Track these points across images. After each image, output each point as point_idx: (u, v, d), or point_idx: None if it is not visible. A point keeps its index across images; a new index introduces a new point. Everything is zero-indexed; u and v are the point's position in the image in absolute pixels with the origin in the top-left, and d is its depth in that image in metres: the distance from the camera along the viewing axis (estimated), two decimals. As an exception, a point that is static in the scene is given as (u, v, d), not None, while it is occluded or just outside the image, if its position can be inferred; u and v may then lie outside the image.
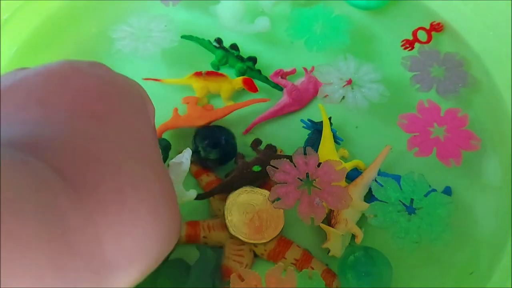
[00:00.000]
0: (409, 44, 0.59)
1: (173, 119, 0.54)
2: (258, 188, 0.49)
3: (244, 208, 0.48)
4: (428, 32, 0.60)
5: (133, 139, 0.31)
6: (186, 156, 0.44)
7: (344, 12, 0.61)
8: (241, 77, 0.56)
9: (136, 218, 0.28)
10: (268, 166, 0.45)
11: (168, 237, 0.31)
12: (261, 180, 0.49)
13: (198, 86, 0.56)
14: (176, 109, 0.55)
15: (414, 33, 0.60)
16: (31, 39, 0.60)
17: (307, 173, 0.45)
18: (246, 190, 0.49)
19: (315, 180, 0.44)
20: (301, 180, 0.44)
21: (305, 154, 0.46)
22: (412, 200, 0.46)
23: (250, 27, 0.59)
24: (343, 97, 0.54)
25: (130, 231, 0.27)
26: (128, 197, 0.27)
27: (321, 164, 0.45)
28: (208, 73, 0.56)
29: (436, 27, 0.61)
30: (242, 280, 0.42)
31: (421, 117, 0.51)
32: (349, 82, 0.54)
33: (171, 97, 0.56)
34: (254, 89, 0.55)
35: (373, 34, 0.62)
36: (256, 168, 0.48)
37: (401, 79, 0.57)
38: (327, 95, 0.54)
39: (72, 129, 0.28)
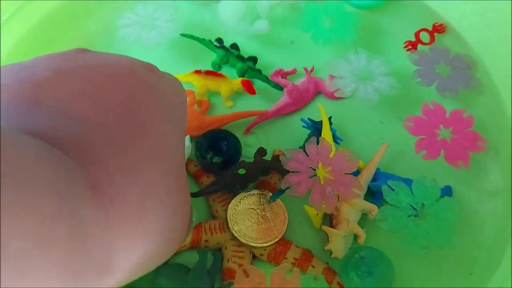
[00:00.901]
0: (411, 46, 0.59)
1: None
2: (252, 190, 0.49)
3: (248, 214, 0.48)
4: (431, 33, 0.60)
5: (166, 152, 0.30)
6: (187, 143, 0.49)
7: (351, 10, 0.62)
8: (240, 78, 0.56)
9: (151, 232, 0.28)
10: (281, 155, 0.45)
11: (174, 247, 0.32)
12: (246, 183, 0.49)
13: (198, 84, 0.55)
14: None
15: (417, 35, 0.60)
16: (31, 38, 0.59)
17: (319, 163, 0.45)
18: (242, 197, 0.49)
19: (327, 169, 0.44)
20: (313, 169, 0.44)
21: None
22: (423, 205, 0.46)
23: (250, 29, 0.59)
24: (355, 91, 0.54)
25: (141, 243, 0.27)
26: (149, 211, 0.27)
27: (334, 154, 0.45)
28: (208, 72, 0.56)
29: (439, 28, 0.60)
30: (247, 276, 0.42)
31: (426, 119, 0.51)
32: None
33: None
34: (252, 91, 0.55)
35: (378, 31, 0.62)
36: (241, 171, 0.49)
37: (406, 77, 0.56)
38: (338, 89, 0.54)
39: (114, 135, 0.27)
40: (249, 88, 0.55)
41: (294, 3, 0.63)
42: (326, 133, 0.52)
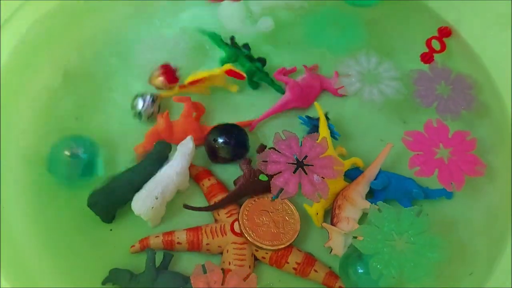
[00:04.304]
0: (428, 57, 0.58)
1: (166, 128, 0.53)
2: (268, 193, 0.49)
3: (260, 215, 0.48)
4: (439, 39, 0.59)
5: None
6: (190, 143, 0.50)
7: (347, 10, 0.61)
8: (224, 68, 0.55)
9: None
10: (258, 162, 0.44)
11: None
12: (268, 189, 0.49)
13: (197, 89, 0.56)
14: (167, 115, 0.53)
15: (429, 45, 0.58)
16: (31, 38, 0.58)
17: (295, 155, 0.44)
18: (258, 197, 0.49)
19: (305, 158, 0.44)
20: (292, 163, 0.44)
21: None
22: (406, 234, 0.43)
23: (254, 28, 0.58)
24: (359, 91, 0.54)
25: None
26: None
27: (302, 142, 0.45)
28: (191, 83, 0.55)
29: (445, 32, 0.60)
30: (205, 272, 0.42)
31: (427, 136, 0.50)
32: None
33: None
34: (240, 76, 0.54)
35: (383, 34, 0.62)
36: (263, 177, 0.47)
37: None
38: (343, 86, 0.54)
39: None
40: (236, 75, 0.54)
41: (288, 5, 0.62)
42: (323, 129, 0.51)
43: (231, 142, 0.51)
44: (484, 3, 0.58)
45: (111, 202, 0.48)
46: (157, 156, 0.50)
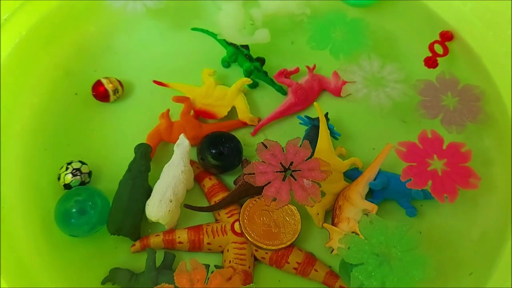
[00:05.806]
0: (432, 62, 0.57)
1: (167, 128, 0.53)
2: None
3: (261, 215, 0.48)
4: (442, 43, 0.58)
5: None
6: (185, 141, 0.50)
7: (355, 15, 0.60)
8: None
9: None
10: (246, 175, 0.44)
11: None
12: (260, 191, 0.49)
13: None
14: (167, 113, 0.54)
15: (431, 49, 0.58)
16: (31, 38, 0.59)
17: (281, 163, 0.44)
18: (259, 196, 0.49)
19: (291, 164, 0.44)
20: (280, 172, 0.44)
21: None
22: (393, 249, 0.43)
23: (250, 38, 0.57)
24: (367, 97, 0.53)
25: None
26: None
27: (286, 149, 0.45)
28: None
29: (447, 36, 0.59)
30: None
31: (421, 147, 0.49)
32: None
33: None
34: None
35: (385, 35, 0.62)
36: None
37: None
38: (350, 94, 0.54)
39: None
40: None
41: (290, 12, 0.61)
42: (323, 129, 0.51)
43: (224, 153, 0.51)
44: (485, 3, 0.58)
45: (131, 218, 0.48)
46: (144, 157, 0.50)
